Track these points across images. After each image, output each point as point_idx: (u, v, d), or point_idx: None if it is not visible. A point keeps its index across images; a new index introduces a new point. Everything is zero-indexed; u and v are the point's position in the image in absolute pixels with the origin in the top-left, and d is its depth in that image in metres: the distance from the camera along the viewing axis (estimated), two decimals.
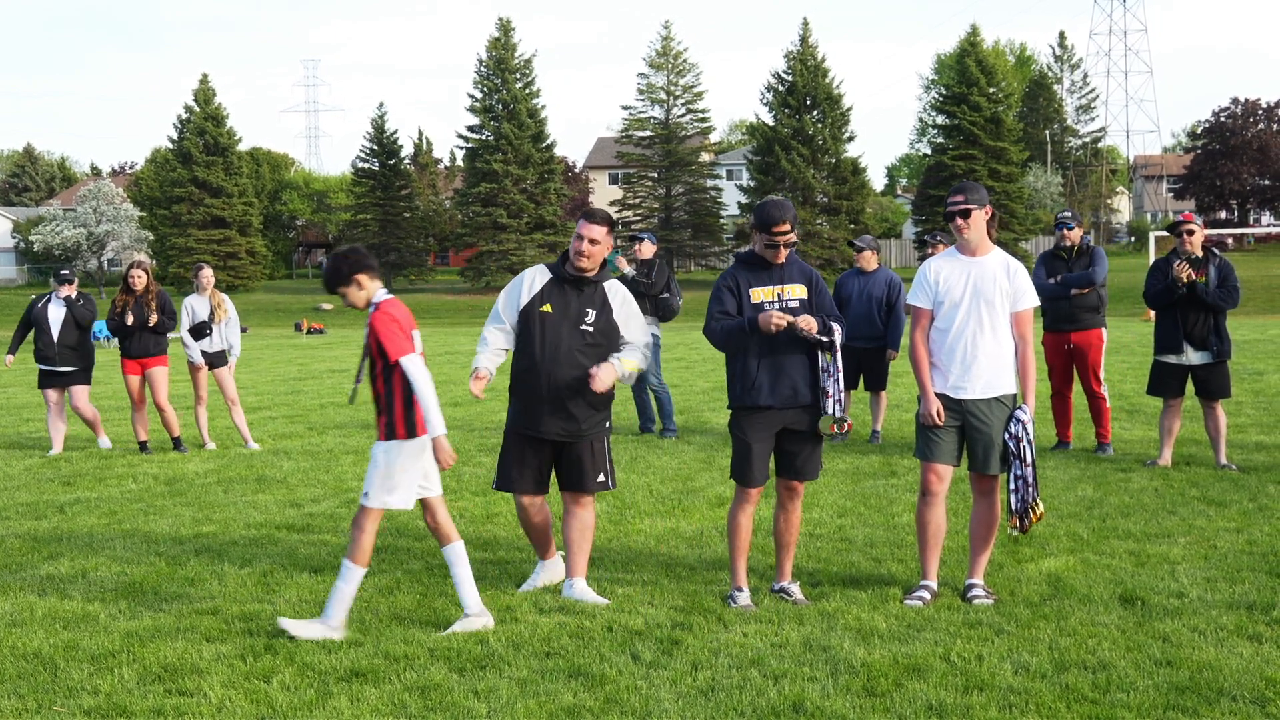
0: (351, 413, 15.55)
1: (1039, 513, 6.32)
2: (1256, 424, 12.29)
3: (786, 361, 6.15)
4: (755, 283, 6.23)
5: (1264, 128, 74.64)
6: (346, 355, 28.46)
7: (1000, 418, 6.31)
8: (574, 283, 6.47)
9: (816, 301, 6.26)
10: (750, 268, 6.28)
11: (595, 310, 6.45)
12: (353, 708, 4.91)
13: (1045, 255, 11.16)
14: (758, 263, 6.28)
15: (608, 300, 6.50)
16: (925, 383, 6.37)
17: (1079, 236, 10.88)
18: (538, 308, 6.43)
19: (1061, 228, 10.87)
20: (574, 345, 6.39)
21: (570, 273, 6.47)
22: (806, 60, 64.84)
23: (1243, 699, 4.81)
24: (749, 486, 6.26)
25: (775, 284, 6.23)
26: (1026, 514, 6.32)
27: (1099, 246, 10.94)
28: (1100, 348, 10.87)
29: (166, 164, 72.34)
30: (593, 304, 6.46)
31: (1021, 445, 6.24)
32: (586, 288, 6.48)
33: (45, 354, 12.47)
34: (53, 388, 12.53)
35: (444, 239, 76.69)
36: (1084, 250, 10.83)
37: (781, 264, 6.27)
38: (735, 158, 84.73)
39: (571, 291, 6.46)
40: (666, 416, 12.48)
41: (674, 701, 4.91)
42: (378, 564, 7.28)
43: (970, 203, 6.32)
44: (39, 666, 5.49)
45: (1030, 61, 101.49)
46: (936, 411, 6.28)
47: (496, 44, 66.85)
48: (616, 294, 6.56)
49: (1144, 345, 21.68)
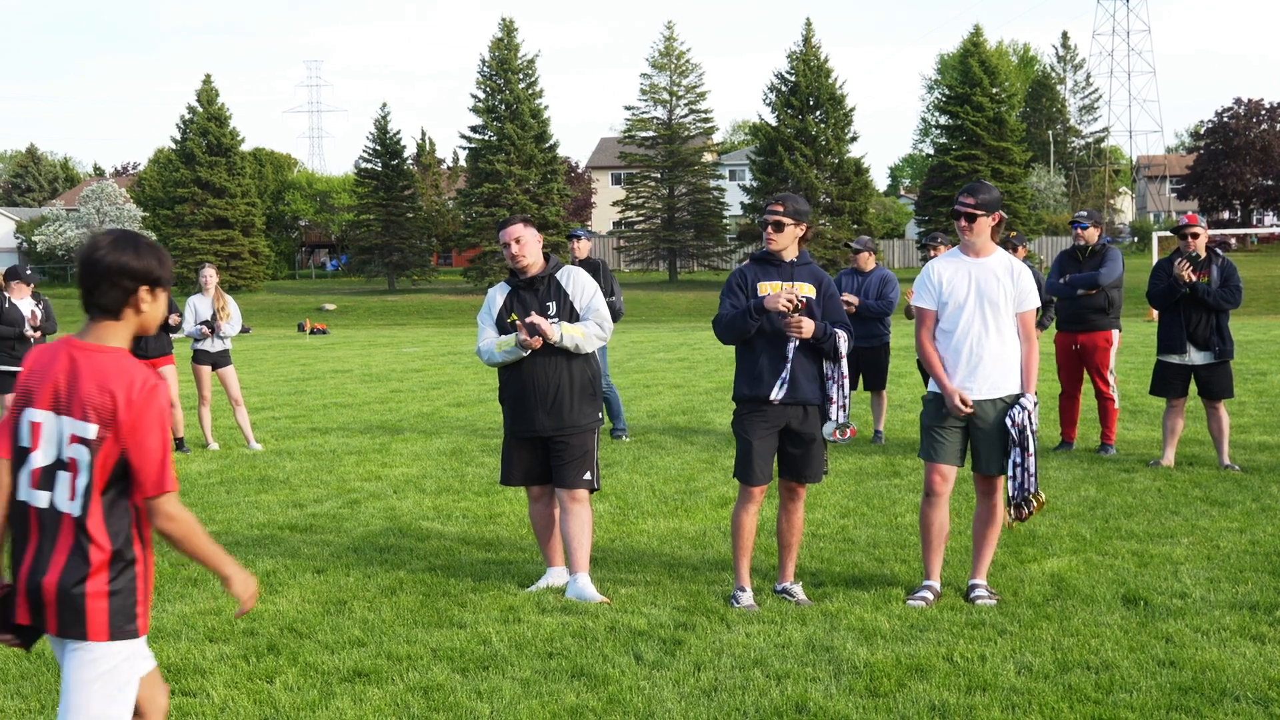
0: (354, 413, 15.57)
1: (1039, 502, 6.29)
2: (1259, 424, 12.28)
3: (792, 359, 6.17)
4: (764, 278, 6.31)
5: (1267, 128, 74.51)
6: (349, 355, 28.47)
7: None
8: (527, 285, 6.70)
9: (826, 305, 6.28)
10: (761, 265, 6.38)
11: (554, 301, 6.67)
12: (355, 708, 4.92)
13: (1062, 255, 11.13)
14: (768, 260, 6.35)
15: (562, 287, 6.72)
16: (942, 377, 6.34)
17: (1094, 236, 10.83)
18: (506, 320, 6.67)
19: (1077, 227, 10.84)
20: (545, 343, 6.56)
21: (520, 279, 6.71)
22: (809, 61, 64.77)
23: (1246, 699, 4.81)
24: (751, 485, 6.27)
25: (785, 280, 6.28)
26: (1026, 504, 6.28)
27: (1115, 248, 10.89)
28: (1108, 350, 10.83)
29: (169, 164, 72.32)
30: (550, 296, 6.68)
31: (1025, 434, 6.21)
32: (539, 285, 6.70)
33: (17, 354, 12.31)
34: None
35: (447, 239, 76.66)
36: (1098, 251, 10.80)
37: (792, 262, 6.32)
38: (738, 158, 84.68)
39: (528, 294, 6.70)
40: (615, 417, 12.40)
41: (677, 702, 4.92)
42: (380, 564, 7.29)
43: (979, 208, 6.32)
44: (42, 667, 5.49)
45: (1033, 62, 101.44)
46: (961, 400, 6.25)
47: (499, 44, 66.82)
48: (568, 276, 6.77)
49: (1147, 345, 21.64)
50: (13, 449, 3.39)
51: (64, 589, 3.26)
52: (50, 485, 3.31)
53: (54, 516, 3.30)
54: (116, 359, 3.33)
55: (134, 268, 3.36)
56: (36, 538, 3.32)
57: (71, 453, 3.29)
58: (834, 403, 6.24)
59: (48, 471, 3.32)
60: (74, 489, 3.29)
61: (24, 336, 12.12)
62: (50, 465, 3.32)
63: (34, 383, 3.38)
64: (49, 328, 12.47)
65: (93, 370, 3.29)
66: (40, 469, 3.33)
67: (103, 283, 3.34)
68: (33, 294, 12.48)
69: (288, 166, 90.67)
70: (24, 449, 3.36)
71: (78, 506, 3.29)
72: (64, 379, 3.33)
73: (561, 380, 6.56)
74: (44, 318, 12.38)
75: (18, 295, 12.33)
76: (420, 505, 9.15)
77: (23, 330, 12.10)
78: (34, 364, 3.43)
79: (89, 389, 3.28)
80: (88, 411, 3.27)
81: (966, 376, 6.31)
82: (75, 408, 3.28)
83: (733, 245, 68.41)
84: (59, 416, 3.31)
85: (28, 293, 12.41)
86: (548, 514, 6.86)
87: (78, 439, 3.28)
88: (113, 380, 3.28)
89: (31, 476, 3.34)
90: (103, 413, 3.26)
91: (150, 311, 3.43)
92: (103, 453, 3.27)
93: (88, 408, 3.27)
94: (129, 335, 3.40)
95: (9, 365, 12.23)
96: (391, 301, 62.59)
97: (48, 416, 3.33)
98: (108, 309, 3.36)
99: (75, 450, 3.28)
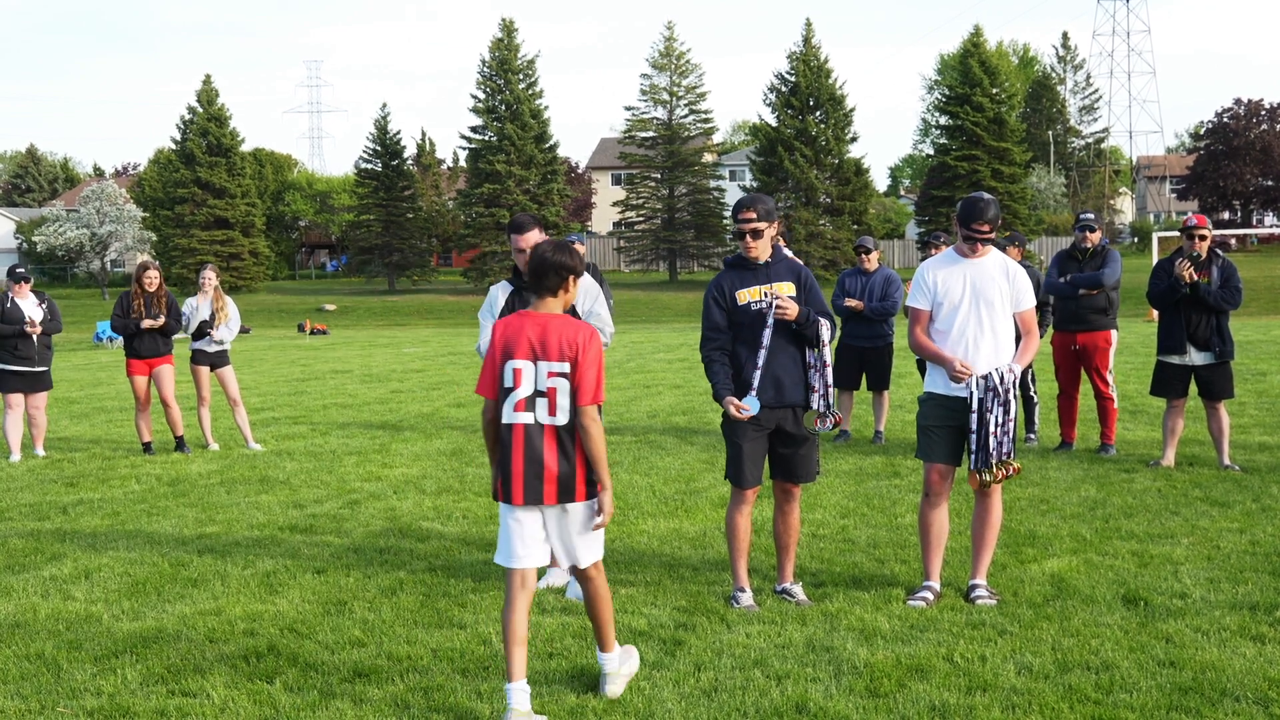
0: (354, 414, 15.57)
1: (1014, 469, 6.25)
2: (1259, 424, 12.28)
3: (776, 362, 6.14)
4: (741, 284, 6.22)
5: (1267, 128, 74.52)
6: (350, 356, 28.48)
7: None
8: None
9: (806, 298, 6.25)
10: (737, 270, 6.27)
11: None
12: (356, 709, 4.92)
13: (1060, 255, 11.14)
14: (744, 264, 6.28)
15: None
16: (939, 352, 6.30)
17: (1099, 239, 10.84)
18: None
19: (1084, 229, 10.83)
20: None
21: (525, 280, 6.57)
22: (809, 61, 64.77)
23: (1246, 699, 4.81)
24: (742, 487, 6.26)
25: (762, 283, 6.22)
26: (1002, 465, 6.18)
27: (1114, 249, 10.90)
28: (1107, 350, 10.85)
29: (169, 165, 72.32)
30: None
31: (1008, 395, 6.16)
32: None
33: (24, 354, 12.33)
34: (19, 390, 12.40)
35: (447, 240, 76.68)
36: (1098, 252, 10.81)
37: (769, 262, 6.27)
38: (738, 158, 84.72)
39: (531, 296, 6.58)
40: None
41: (677, 702, 4.92)
42: (380, 565, 7.29)
43: (991, 233, 6.31)
44: (42, 667, 5.49)
45: (1033, 62, 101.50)
46: (962, 366, 6.22)
47: (499, 45, 66.84)
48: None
49: (1147, 346, 21.65)
50: (498, 390, 4.83)
51: (563, 475, 4.78)
52: (531, 409, 4.77)
53: (538, 429, 4.77)
54: (567, 320, 4.87)
55: (568, 265, 4.90)
56: (523, 444, 4.77)
57: (551, 384, 4.76)
58: (815, 391, 6.20)
59: (529, 399, 4.77)
60: (554, 407, 4.76)
61: (24, 334, 12.15)
62: (530, 395, 4.78)
63: (510, 344, 4.83)
64: (53, 328, 12.48)
65: (556, 329, 4.80)
66: (523, 399, 4.78)
67: (550, 274, 4.88)
68: (35, 293, 12.51)
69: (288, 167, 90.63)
70: (507, 389, 4.80)
71: (562, 418, 4.77)
72: (537, 337, 4.79)
73: None
74: (49, 318, 12.42)
75: (20, 295, 12.37)
76: (420, 506, 9.15)
77: (22, 328, 12.13)
78: (505, 331, 4.87)
79: (559, 341, 4.77)
80: (565, 353, 4.76)
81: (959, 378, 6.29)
82: (552, 353, 4.76)
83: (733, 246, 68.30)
84: (536, 362, 4.77)
85: (27, 291, 12.44)
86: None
87: (555, 374, 4.75)
88: (569, 333, 4.80)
89: (515, 405, 4.78)
90: (568, 354, 4.76)
91: (569, 294, 4.95)
92: (573, 380, 4.75)
93: (564, 351, 4.76)
94: (561, 307, 4.91)
95: (10, 365, 12.24)
96: (392, 302, 62.59)
97: (526, 364, 4.78)
98: (552, 290, 4.90)
99: (554, 382, 4.75)
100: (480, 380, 4.94)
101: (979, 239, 6.30)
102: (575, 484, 4.81)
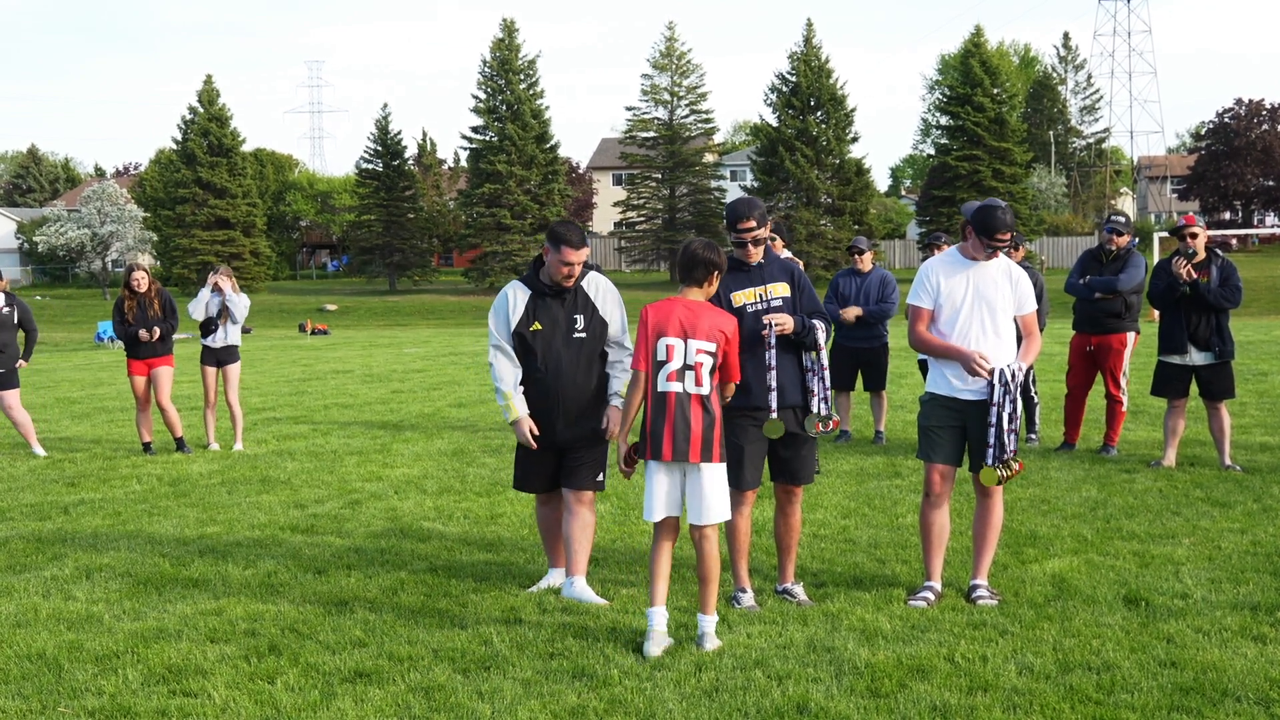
0: (355, 414, 15.57)
1: (1016, 467, 6.23)
2: (1260, 425, 12.27)
3: (775, 365, 6.13)
4: (736, 286, 6.21)
5: (1268, 129, 74.53)
6: (350, 356, 28.48)
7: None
8: (554, 294, 6.53)
9: (800, 298, 6.25)
10: (731, 272, 6.23)
11: (583, 315, 6.53)
12: (357, 709, 4.92)
13: (1085, 254, 11.03)
14: (738, 265, 6.27)
15: (590, 300, 6.58)
16: (951, 346, 6.26)
17: (1125, 242, 10.74)
18: (528, 328, 6.50)
19: (1111, 231, 10.70)
20: (572, 356, 6.50)
21: (549, 287, 6.53)
22: (810, 61, 64.77)
23: (1247, 700, 4.81)
24: (741, 489, 6.25)
25: (756, 285, 6.22)
26: (1006, 466, 6.17)
27: (1139, 254, 10.83)
28: (1122, 352, 10.79)
29: (170, 165, 72.35)
30: (577, 309, 6.53)
31: (1016, 393, 6.15)
32: (567, 295, 6.54)
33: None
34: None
35: (448, 240, 76.70)
36: (1121, 255, 10.73)
37: (762, 264, 6.27)
38: (739, 158, 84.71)
39: (554, 303, 6.52)
40: None
41: (678, 702, 4.92)
42: (381, 565, 7.29)
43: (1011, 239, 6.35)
44: (43, 667, 5.49)
45: (1034, 62, 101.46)
46: (981, 358, 6.16)
47: (500, 45, 66.85)
48: (594, 287, 6.63)
49: (1148, 346, 21.61)
50: (651, 363, 5.58)
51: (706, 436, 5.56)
52: (681, 380, 5.53)
53: (685, 397, 5.53)
54: (716, 309, 5.73)
55: (715, 262, 5.70)
56: (674, 409, 5.53)
57: (698, 359, 5.54)
58: (814, 395, 6.20)
59: (680, 371, 5.53)
60: (699, 379, 5.54)
61: None
62: (680, 368, 5.54)
63: (662, 324, 5.60)
64: (28, 326, 12.65)
65: (705, 315, 5.60)
66: (675, 371, 5.53)
67: (699, 268, 5.67)
68: (4, 293, 12.56)
69: (289, 167, 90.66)
70: (660, 361, 5.57)
71: (705, 389, 5.54)
72: (687, 319, 5.58)
73: (584, 392, 6.51)
74: (21, 318, 12.56)
75: None
76: (421, 506, 9.15)
77: None
78: (656, 315, 5.64)
79: (708, 325, 5.58)
80: (713, 335, 5.56)
81: (963, 376, 6.29)
82: (700, 334, 5.54)
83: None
84: (686, 340, 5.54)
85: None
86: (555, 516, 6.83)
87: (703, 351, 5.54)
88: (719, 321, 5.62)
89: (668, 375, 5.53)
90: (717, 337, 5.56)
91: (712, 286, 5.74)
92: (718, 359, 5.58)
93: (711, 334, 5.55)
94: (704, 296, 5.70)
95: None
96: (392, 302, 62.61)
97: (677, 341, 5.55)
98: (698, 282, 5.69)
99: (700, 358, 5.54)
100: (634, 355, 5.73)
101: (999, 248, 6.32)
102: (714, 445, 5.54)
